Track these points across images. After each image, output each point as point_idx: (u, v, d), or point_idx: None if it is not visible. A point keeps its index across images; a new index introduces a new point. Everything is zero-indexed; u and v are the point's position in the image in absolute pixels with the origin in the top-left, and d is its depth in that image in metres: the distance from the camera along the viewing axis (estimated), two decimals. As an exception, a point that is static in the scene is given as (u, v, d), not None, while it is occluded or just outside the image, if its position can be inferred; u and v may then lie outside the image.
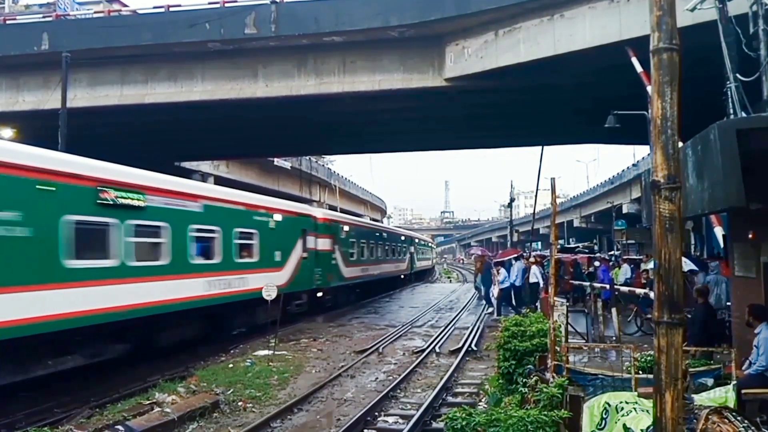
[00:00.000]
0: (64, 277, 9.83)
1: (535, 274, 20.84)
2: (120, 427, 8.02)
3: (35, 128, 21.55)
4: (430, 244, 66.86)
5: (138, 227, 11.64)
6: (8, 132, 22.01)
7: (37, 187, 9.39)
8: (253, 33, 18.67)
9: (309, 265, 19.95)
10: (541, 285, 20.46)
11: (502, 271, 21.99)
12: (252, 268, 15.95)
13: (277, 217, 17.83)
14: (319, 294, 21.25)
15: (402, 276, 39.63)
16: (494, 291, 21.94)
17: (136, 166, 12.33)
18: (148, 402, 9.29)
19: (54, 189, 9.68)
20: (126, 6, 37.31)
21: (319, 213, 22.77)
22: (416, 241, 48.01)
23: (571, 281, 20.93)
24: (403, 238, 41.00)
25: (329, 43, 19.10)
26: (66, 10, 31.75)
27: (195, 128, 25.14)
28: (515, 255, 24.47)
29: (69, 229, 9.96)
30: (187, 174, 28.67)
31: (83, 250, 10.27)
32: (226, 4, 19.13)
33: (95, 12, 26.34)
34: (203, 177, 32.63)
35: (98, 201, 10.65)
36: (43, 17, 23.98)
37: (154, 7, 20.84)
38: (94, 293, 10.37)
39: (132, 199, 11.44)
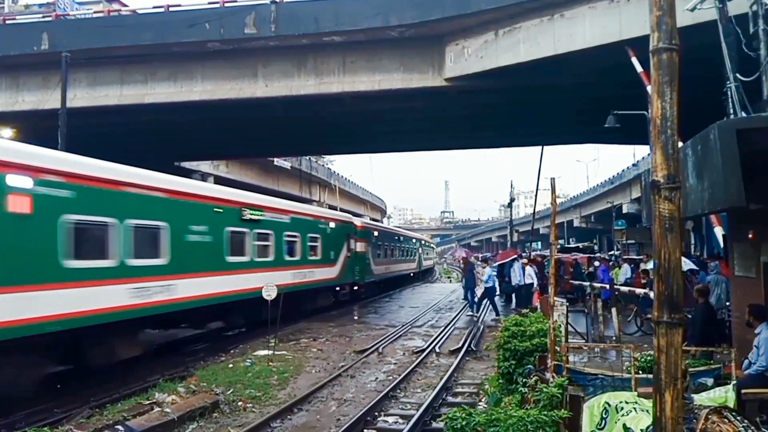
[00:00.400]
0: (226, 267, 14.51)
1: (530, 275, 20.90)
2: (120, 427, 8.02)
3: (35, 128, 21.56)
4: (431, 245, 67.75)
5: (259, 234, 16.32)
6: (8, 132, 22.01)
7: (214, 210, 14.22)
8: (253, 33, 18.68)
9: (351, 263, 24.50)
10: (535, 285, 20.55)
11: (487, 269, 22.15)
12: (317, 264, 20.62)
13: (332, 224, 22.60)
14: (355, 287, 25.76)
15: (412, 274, 42.99)
16: (477, 291, 22.21)
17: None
18: (148, 402, 9.27)
19: (221, 211, 14.51)
20: (126, 6, 37.31)
21: (358, 221, 27.53)
22: (423, 242, 52.34)
23: (571, 281, 20.96)
24: (413, 240, 45.18)
25: (329, 43, 19.11)
26: (66, 10, 31.75)
27: (195, 128, 25.14)
28: (515, 255, 24.52)
29: (228, 236, 14.65)
30: (187, 174, 28.63)
31: (233, 250, 14.90)
32: (226, 4, 19.13)
33: (95, 12, 26.34)
34: (203, 177, 32.56)
35: (242, 217, 15.37)
36: (43, 17, 23.99)
37: (154, 7, 20.84)
38: (238, 279, 14.82)
39: (256, 214, 16.14)
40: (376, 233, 30.01)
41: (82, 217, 10.14)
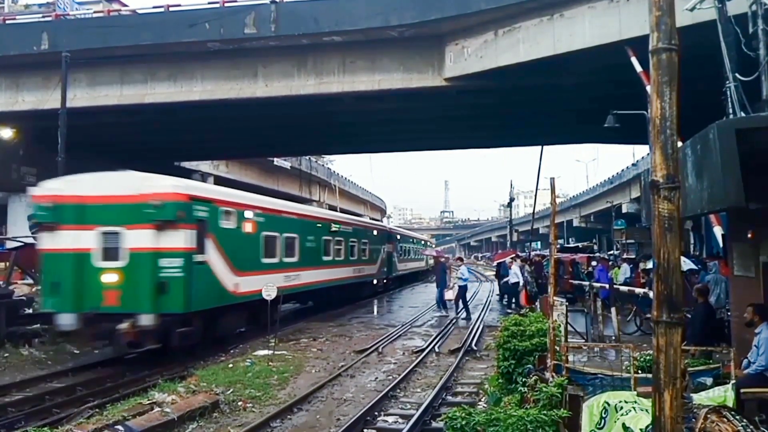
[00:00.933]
0: (322, 264, 20.96)
1: (515, 274, 20.99)
2: (120, 427, 8.00)
3: (35, 128, 21.57)
4: (433, 245, 68.70)
5: (337, 241, 22.70)
6: (8, 132, 21.99)
7: (317, 225, 20.85)
8: (252, 33, 18.67)
9: (385, 262, 31.11)
10: (520, 285, 20.65)
11: (462, 268, 22.34)
12: (366, 262, 27.43)
13: (375, 231, 29.90)
14: (385, 280, 31.72)
15: (421, 270, 47.12)
16: (447, 293, 22.58)
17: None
18: (148, 402, 9.25)
19: (321, 225, 21.25)
20: (126, 6, 37.31)
21: (388, 226, 35.52)
22: (429, 243, 59.09)
23: (570, 281, 20.98)
24: (423, 242, 51.41)
25: (329, 43, 19.10)
26: (65, 10, 31.75)
27: (195, 128, 25.13)
28: (513, 255, 24.65)
29: (323, 242, 21.28)
30: (187, 174, 28.65)
31: (326, 252, 21.47)
32: (226, 4, 19.12)
33: (95, 12, 26.37)
34: (203, 177, 32.57)
35: (330, 229, 21.99)
36: (43, 17, 24.01)
37: (154, 7, 20.84)
38: (327, 272, 21.36)
39: (337, 227, 22.85)
40: (398, 236, 36.10)
41: (268, 233, 16.47)
